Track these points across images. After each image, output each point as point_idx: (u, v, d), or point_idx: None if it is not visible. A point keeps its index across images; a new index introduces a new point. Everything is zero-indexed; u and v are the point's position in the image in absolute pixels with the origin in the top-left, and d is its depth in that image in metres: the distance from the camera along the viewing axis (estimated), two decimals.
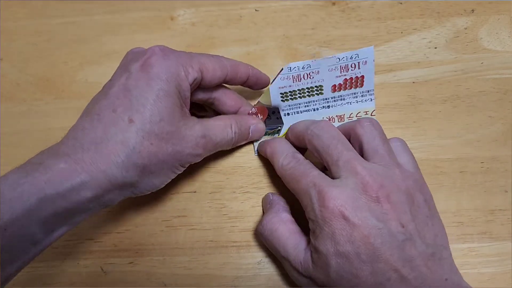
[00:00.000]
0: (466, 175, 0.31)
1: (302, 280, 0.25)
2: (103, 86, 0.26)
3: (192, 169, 0.32)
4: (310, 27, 0.36)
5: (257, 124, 0.30)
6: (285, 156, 0.28)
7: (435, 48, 0.35)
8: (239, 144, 0.31)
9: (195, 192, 0.31)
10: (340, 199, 0.23)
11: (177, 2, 0.37)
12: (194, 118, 0.26)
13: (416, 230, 0.23)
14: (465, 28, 0.35)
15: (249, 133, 0.30)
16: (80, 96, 0.35)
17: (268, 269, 0.29)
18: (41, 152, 0.23)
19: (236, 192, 0.31)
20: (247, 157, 0.32)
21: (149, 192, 0.26)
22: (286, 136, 0.31)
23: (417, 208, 0.24)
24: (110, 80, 0.26)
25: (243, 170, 0.32)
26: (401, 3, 0.36)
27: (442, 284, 0.22)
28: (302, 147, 0.29)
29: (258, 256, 0.30)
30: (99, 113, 0.23)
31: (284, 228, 0.27)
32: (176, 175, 0.26)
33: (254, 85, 0.30)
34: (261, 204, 0.31)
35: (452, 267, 0.24)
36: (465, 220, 0.30)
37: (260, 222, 0.28)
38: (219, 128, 0.27)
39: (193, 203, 0.31)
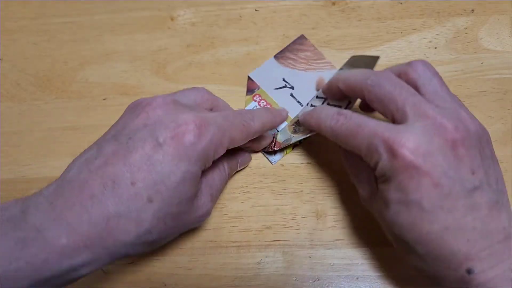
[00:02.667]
0: None
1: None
2: (119, 140, 0.22)
3: None
4: (310, 27, 0.36)
5: (243, 155, 0.31)
6: (331, 118, 0.25)
7: (435, 48, 0.34)
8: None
9: None
10: (411, 145, 0.21)
11: (177, 2, 0.37)
12: (205, 185, 0.26)
13: (485, 176, 0.22)
14: (465, 28, 0.35)
15: (238, 166, 0.30)
16: (80, 96, 0.35)
17: (268, 269, 0.29)
18: (36, 203, 0.20)
19: (236, 192, 0.31)
20: None
21: None
22: (329, 87, 0.29)
23: (483, 151, 0.22)
24: (129, 136, 0.22)
25: (243, 170, 0.32)
26: (401, 3, 0.36)
27: (501, 232, 0.21)
28: (349, 98, 0.28)
29: (258, 256, 0.30)
30: (114, 180, 0.20)
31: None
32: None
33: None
34: (261, 204, 0.31)
35: (509, 214, 0.22)
36: None
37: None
38: (218, 179, 0.27)
39: None
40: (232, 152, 0.29)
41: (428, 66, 0.25)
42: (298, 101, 0.33)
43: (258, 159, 0.32)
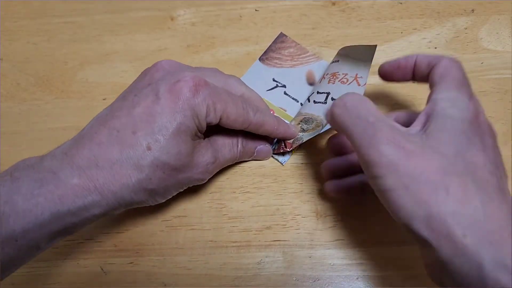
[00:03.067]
0: None
1: None
2: (126, 97, 0.25)
3: None
4: (310, 27, 0.36)
5: (264, 146, 0.31)
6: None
7: (435, 48, 0.34)
8: (241, 160, 0.31)
9: (195, 192, 0.31)
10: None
11: (177, 2, 0.37)
12: (206, 142, 0.27)
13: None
14: (465, 28, 0.35)
15: (254, 153, 0.30)
16: (80, 96, 0.35)
17: (268, 269, 0.29)
18: (53, 153, 0.23)
19: (236, 192, 0.31)
20: None
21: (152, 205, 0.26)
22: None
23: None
24: (135, 94, 0.25)
25: (243, 170, 0.32)
26: (401, 3, 0.36)
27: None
28: None
29: (258, 256, 0.30)
30: (119, 129, 0.23)
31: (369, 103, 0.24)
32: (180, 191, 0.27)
33: (279, 138, 0.31)
34: (261, 204, 0.31)
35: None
36: None
37: (336, 103, 0.24)
38: (227, 148, 0.28)
39: (193, 203, 0.31)
40: (252, 136, 0.30)
41: (453, 68, 0.24)
42: (293, 98, 0.33)
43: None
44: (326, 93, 0.31)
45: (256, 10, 0.37)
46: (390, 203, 0.21)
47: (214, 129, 0.27)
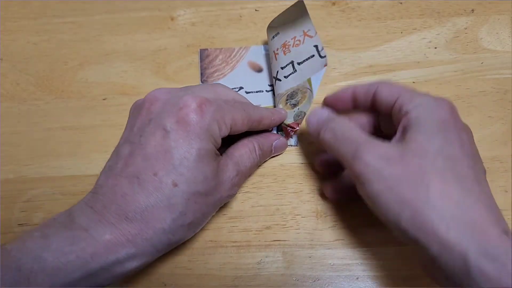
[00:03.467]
0: None
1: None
2: (131, 140, 0.24)
3: None
4: None
5: (278, 139, 0.31)
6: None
7: (435, 48, 0.34)
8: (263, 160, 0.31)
9: None
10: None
11: (177, 2, 0.37)
12: (225, 159, 0.26)
13: None
14: (465, 28, 0.35)
15: (272, 150, 0.30)
16: (80, 96, 0.35)
17: (268, 269, 0.29)
18: (81, 209, 0.22)
19: None
20: None
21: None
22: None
23: None
24: (140, 134, 0.24)
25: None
26: (401, 3, 0.36)
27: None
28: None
29: (258, 256, 0.30)
30: (138, 176, 0.22)
31: (350, 123, 0.26)
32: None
33: (277, 125, 0.31)
34: (261, 204, 0.31)
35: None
36: None
37: (317, 125, 0.27)
38: (246, 157, 0.27)
39: None
40: (266, 136, 0.30)
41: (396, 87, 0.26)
42: (257, 91, 0.34)
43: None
44: (290, 62, 0.31)
45: (256, 10, 0.37)
46: (379, 207, 0.22)
47: (224, 141, 0.27)
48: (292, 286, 0.29)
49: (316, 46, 0.30)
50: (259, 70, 0.35)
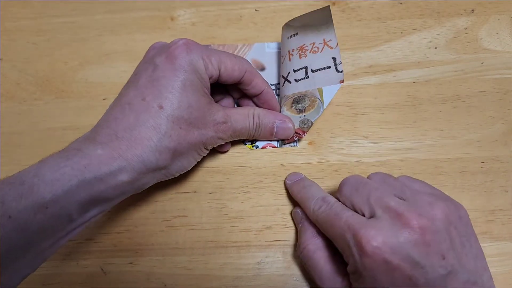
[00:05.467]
0: (466, 175, 0.31)
1: None
2: (128, 81, 0.27)
3: (192, 169, 0.32)
4: None
5: (284, 121, 0.31)
6: (316, 201, 0.27)
7: (435, 48, 0.34)
8: (263, 139, 0.31)
9: (195, 192, 0.31)
10: (378, 241, 0.21)
11: (177, 2, 0.37)
12: (218, 106, 0.28)
13: (457, 258, 0.22)
14: (465, 28, 0.35)
15: (273, 129, 0.30)
16: (80, 96, 0.35)
17: (268, 269, 0.29)
18: (76, 140, 0.24)
19: (236, 192, 0.31)
20: (247, 157, 0.32)
21: (178, 174, 0.27)
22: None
23: (455, 231, 0.23)
24: (135, 74, 0.27)
25: (243, 170, 0.32)
26: (401, 3, 0.36)
27: None
28: None
29: (258, 256, 0.30)
30: (129, 102, 0.25)
31: (318, 255, 0.26)
32: (201, 157, 0.28)
33: (264, 103, 0.31)
34: (261, 204, 0.31)
35: None
36: None
37: (298, 246, 0.28)
38: (241, 116, 0.29)
39: (193, 203, 0.31)
40: (270, 111, 0.31)
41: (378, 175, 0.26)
42: None
43: (258, 159, 0.32)
44: (304, 67, 0.31)
45: (256, 10, 0.37)
46: None
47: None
48: (292, 286, 0.29)
49: (334, 59, 0.30)
50: (262, 69, 0.35)
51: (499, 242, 0.30)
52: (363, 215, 0.24)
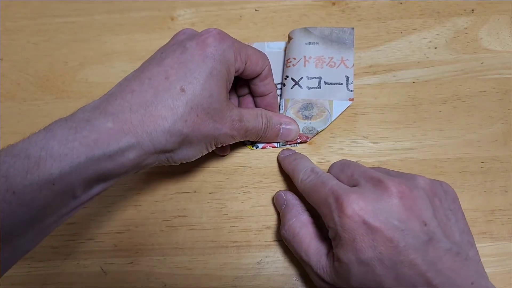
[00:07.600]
0: (466, 175, 0.31)
1: (324, 286, 0.25)
2: (151, 57, 0.26)
3: (192, 169, 0.32)
4: None
5: (290, 123, 0.31)
6: (305, 171, 0.27)
7: (435, 48, 0.34)
8: (269, 140, 0.31)
9: (195, 192, 0.31)
10: (359, 204, 0.22)
11: (177, 2, 0.37)
12: (232, 103, 0.27)
13: (439, 227, 0.22)
14: (465, 28, 0.35)
15: (279, 130, 0.31)
16: (80, 96, 0.35)
17: (268, 269, 0.29)
18: (83, 108, 0.23)
19: (236, 192, 0.31)
20: (247, 157, 0.32)
21: (179, 163, 0.26)
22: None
23: (439, 202, 0.23)
24: (161, 52, 0.26)
25: (243, 170, 0.32)
26: (401, 3, 0.36)
27: None
28: None
29: (258, 256, 0.30)
30: (150, 77, 0.24)
31: (305, 232, 0.26)
32: (206, 152, 0.27)
33: (267, 105, 0.31)
34: (261, 204, 0.31)
35: (478, 267, 0.22)
36: None
37: (282, 226, 0.28)
38: (252, 116, 0.28)
39: (193, 203, 0.31)
40: (277, 114, 0.31)
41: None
42: None
43: (258, 159, 0.32)
44: (318, 78, 0.32)
45: (256, 10, 0.37)
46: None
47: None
48: (292, 286, 0.29)
49: (347, 77, 0.32)
50: None
51: (499, 242, 0.30)
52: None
